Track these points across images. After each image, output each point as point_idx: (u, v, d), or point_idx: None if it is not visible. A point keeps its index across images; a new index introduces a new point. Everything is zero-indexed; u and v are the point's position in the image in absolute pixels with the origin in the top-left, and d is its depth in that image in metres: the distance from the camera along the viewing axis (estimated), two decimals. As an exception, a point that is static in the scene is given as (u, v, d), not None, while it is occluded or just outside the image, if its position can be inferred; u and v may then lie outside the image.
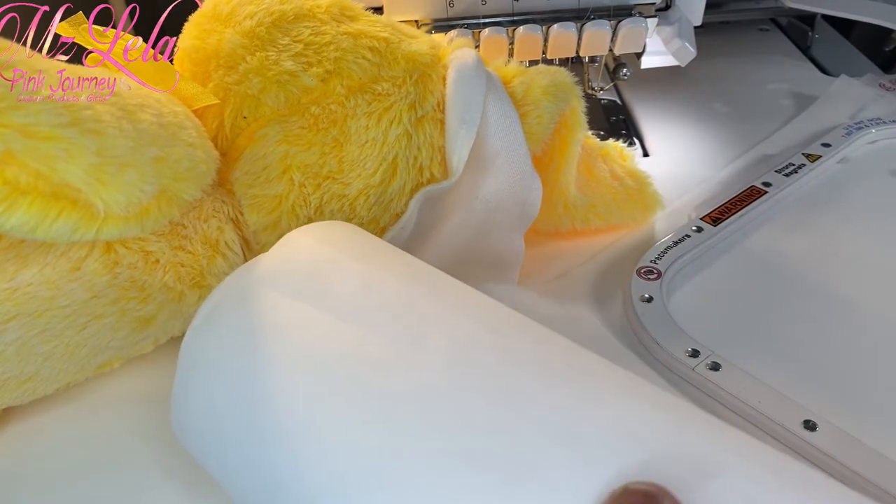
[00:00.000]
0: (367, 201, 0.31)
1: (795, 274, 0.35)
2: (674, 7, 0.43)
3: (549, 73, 0.33)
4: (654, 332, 0.31)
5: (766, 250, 0.37)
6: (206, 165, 0.27)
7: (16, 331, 0.25)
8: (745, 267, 0.36)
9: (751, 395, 0.28)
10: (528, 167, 0.32)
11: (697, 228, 0.37)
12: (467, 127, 0.31)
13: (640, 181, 0.38)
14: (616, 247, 0.37)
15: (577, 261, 0.36)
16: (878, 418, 0.28)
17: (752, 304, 0.34)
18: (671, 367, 0.30)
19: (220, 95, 0.30)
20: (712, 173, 0.43)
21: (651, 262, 0.34)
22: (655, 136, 0.48)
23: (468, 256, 0.32)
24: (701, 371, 0.29)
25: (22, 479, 0.27)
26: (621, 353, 0.30)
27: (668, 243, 0.36)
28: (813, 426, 0.26)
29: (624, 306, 0.33)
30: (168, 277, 0.28)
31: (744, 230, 0.38)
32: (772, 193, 0.39)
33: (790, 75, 0.54)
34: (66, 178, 0.21)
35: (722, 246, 0.37)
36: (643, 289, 0.33)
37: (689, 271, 0.35)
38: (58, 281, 0.25)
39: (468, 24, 0.40)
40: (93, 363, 0.29)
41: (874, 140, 0.45)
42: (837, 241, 0.37)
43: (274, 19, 0.30)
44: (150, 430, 0.29)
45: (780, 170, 0.41)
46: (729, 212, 0.38)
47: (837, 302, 0.33)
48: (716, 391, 0.28)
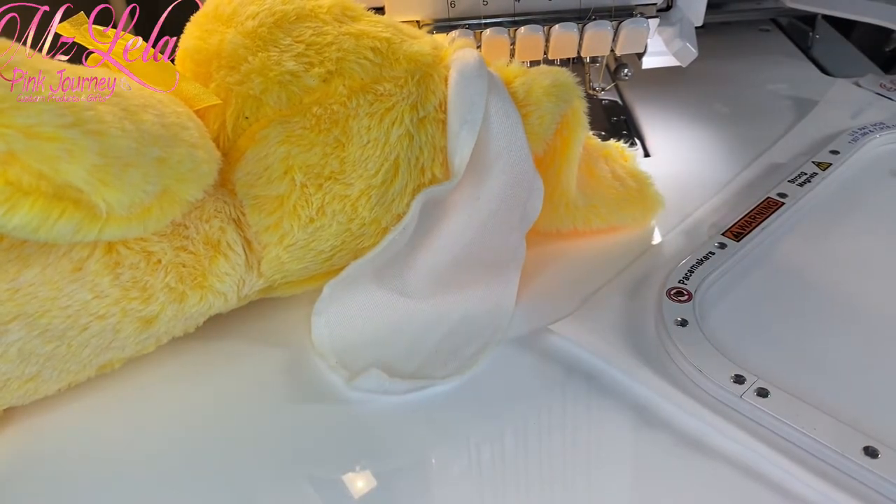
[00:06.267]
0: (369, 202, 0.31)
1: (830, 287, 0.34)
2: (675, 7, 0.43)
3: (551, 73, 0.33)
4: (694, 360, 0.29)
5: (794, 264, 0.35)
6: (208, 166, 0.27)
7: (17, 331, 0.25)
8: (777, 283, 0.34)
9: (805, 422, 0.26)
10: (529, 167, 0.32)
11: (720, 245, 0.35)
12: (469, 127, 0.31)
13: (641, 181, 0.38)
14: (635, 267, 0.36)
15: (595, 284, 0.35)
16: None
17: (790, 322, 0.32)
18: (717, 396, 0.28)
19: (221, 96, 0.30)
20: (713, 174, 0.43)
21: (679, 282, 0.33)
22: (656, 136, 0.48)
23: (469, 257, 0.32)
24: (749, 398, 0.27)
25: (23, 479, 0.27)
26: (660, 387, 0.29)
27: (692, 262, 0.34)
28: (874, 452, 0.25)
29: (657, 331, 0.31)
30: (170, 278, 0.28)
31: (767, 244, 0.37)
32: (789, 205, 0.38)
33: (791, 75, 0.54)
34: (69, 179, 0.21)
35: (748, 262, 0.35)
36: (676, 312, 0.31)
37: (718, 290, 0.34)
38: (59, 281, 0.25)
39: (469, 24, 0.40)
40: (94, 363, 0.29)
41: (882, 145, 0.44)
42: (867, 251, 0.36)
43: (276, 19, 0.30)
44: (150, 430, 0.29)
45: (792, 180, 0.40)
46: (749, 226, 0.37)
47: (881, 315, 0.32)
48: (767, 419, 0.27)
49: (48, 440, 0.29)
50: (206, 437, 0.29)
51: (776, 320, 0.32)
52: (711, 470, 0.26)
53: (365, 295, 0.33)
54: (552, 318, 0.32)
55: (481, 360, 0.31)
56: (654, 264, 0.36)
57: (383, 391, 0.29)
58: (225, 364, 0.32)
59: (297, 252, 0.31)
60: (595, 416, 0.29)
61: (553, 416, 0.29)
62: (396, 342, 0.32)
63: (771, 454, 0.26)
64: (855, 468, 0.25)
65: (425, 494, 0.26)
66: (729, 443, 0.27)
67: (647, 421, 0.28)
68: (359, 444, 0.28)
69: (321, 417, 0.29)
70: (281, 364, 0.32)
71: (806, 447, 0.26)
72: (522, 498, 0.26)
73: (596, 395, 0.29)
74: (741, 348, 0.30)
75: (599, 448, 0.28)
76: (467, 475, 0.27)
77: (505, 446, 0.28)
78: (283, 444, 0.28)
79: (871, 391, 0.29)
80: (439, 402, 0.29)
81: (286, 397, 0.30)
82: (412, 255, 0.32)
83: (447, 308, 0.33)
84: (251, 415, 0.29)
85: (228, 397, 0.30)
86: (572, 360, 0.31)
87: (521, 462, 0.27)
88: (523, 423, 0.29)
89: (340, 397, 0.30)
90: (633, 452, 0.27)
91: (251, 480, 0.27)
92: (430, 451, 0.28)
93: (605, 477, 0.26)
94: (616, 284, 0.35)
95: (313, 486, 0.27)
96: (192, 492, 0.27)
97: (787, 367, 0.29)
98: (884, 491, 0.24)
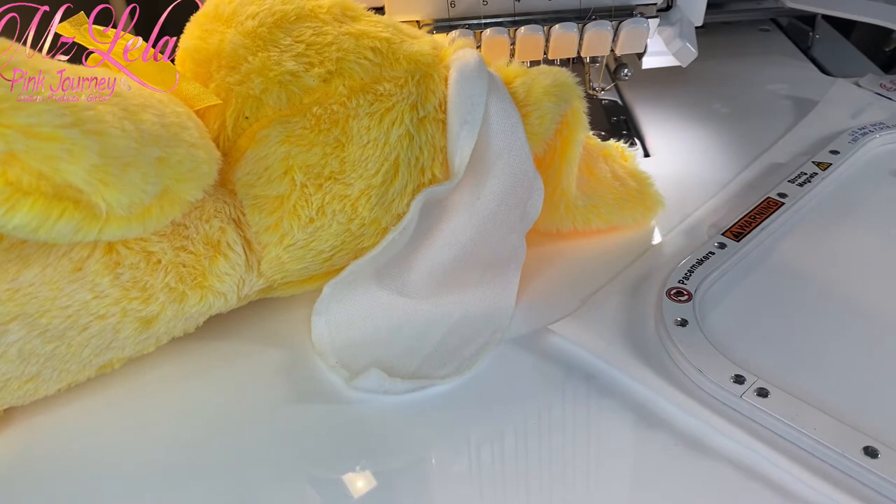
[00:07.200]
0: (369, 202, 0.31)
1: (830, 287, 0.34)
2: (675, 7, 0.43)
3: (551, 73, 0.33)
4: (694, 360, 0.29)
5: (794, 264, 0.35)
6: (208, 166, 0.27)
7: (17, 331, 0.25)
8: (777, 283, 0.34)
9: (805, 422, 0.26)
10: (529, 167, 0.32)
11: (720, 245, 0.35)
12: (469, 127, 0.31)
13: (641, 181, 0.38)
14: (635, 267, 0.36)
15: (595, 284, 0.35)
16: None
17: (790, 322, 0.32)
18: (717, 396, 0.28)
19: (221, 96, 0.30)
20: (713, 174, 0.43)
21: (679, 282, 0.33)
22: (656, 136, 0.48)
23: (469, 257, 0.32)
24: (749, 398, 0.27)
25: (23, 479, 0.27)
26: (660, 387, 0.29)
27: (692, 262, 0.34)
28: (874, 452, 0.25)
29: (657, 331, 0.31)
30: (170, 278, 0.28)
31: (767, 244, 0.36)
32: (788, 204, 0.38)
33: (791, 75, 0.54)
34: (69, 179, 0.21)
35: (748, 262, 0.35)
36: (675, 312, 0.31)
37: (718, 290, 0.34)
38: (59, 281, 0.25)
39: (469, 24, 0.40)
40: (94, 364, 0.29)
41: (882, 145, 0.44)
42: (867, 251, 0.36)
43: (276, 19, 0.30)
44: (150, 430, 0.29)
45: (792, 180, 0.40)
46: (749, 226, 0.37)
47: (881, 315, 0.32)
48: (767, 419, 0.27)
49: (48, 440, 0.29)
50: (205, 437, 0.29)
51: (776, 320, 0.32)
52: (711, 470, 0.26)
53: (365, 295, 0.33)
54: (552, 318, 0.32)
55: (481, 360, 0.31)
56: (654, 264, 0.36)
57: (383, 391, 0.29)
58: (225, 364, 0.32)
59: (297, 252, 0.31)
60: (595, 416, 0.29)
61: (553, 416, 0.29)
62: (396, 342, 0.32)
63: (771, 454, 0.26)
64: (855, 468, 0.25)
65: (425, 494, 0.26)
66: (729, 443, 0.27)
67: (647, 421, 0.28)
68: (359, 444, 0.28)
69: (321, 417, 0.29)
70: (281, 364, 0.32)
71: (806, 447, 0.26)
72: (522, 498, 0.26)
73: (596, 395, 0.29)
74: (741, 348, 0.30)
75: (599, 448, 0.28)
76: (467, 475, 0.27)
77: (505, 446, 0.28)
78: (283, 444, 0.28)
79: (871, 391, 0.29)
80: (439, 402, 0.29)
81: (286, 397, 0.30)
82: (412, 255, 0.32)
83: (447, 308, 0.33)
84: (251, 415, 0.29)
85: (228, 397, 0.30)
86: (572, 360, 0.31)
87: (521, 462, 0.27)
88: (523, 423, 0.29)
89: (340, 397, 0.30)
90: (633, 452, 0.27)
91: (251, 480, 0.27)
92: (429, 451, 0.28)
93: (604, 477, 0.26)
94: (616, 284, 0.35)
95: (313, 486, 0.27)
96: (193, 491, 0.27)
97: (787, 367, 0.29)
98: (884, 491, 0.24)
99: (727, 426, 0.27)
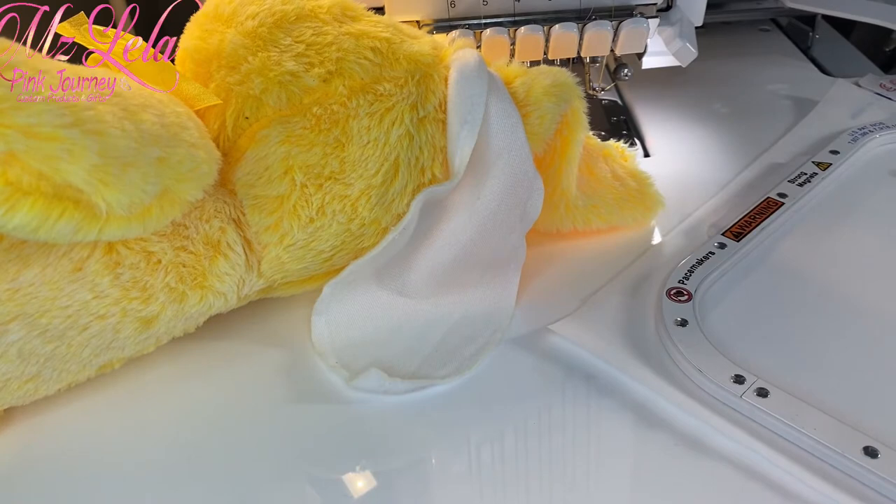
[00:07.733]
0: (369, 202, 0.31)
1: (830, 287, 0.34)
2: (675, 7, 0.43)
3: (551, 73, 0.33)
4: (694, 360, 0.29)
5: (794, 264, 0.35)
6: (208, 166, 0.27)
7: (17, 331, 0.25)
8: (777, 283, 0.34)
9: (805, 422, 0.26)
10: (529, 168, 0.32)
11: (720, 244, 0.35)
12: (469, 127, 0.31)
13: (641, 181, 0.38)
14: (635, 267, 0.36)
15: (595, 284, 0.35)
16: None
17: (790, 322, 0.32)
18: (717, 396, 0.28)
19: (221, 96, 0.30)
20: (713, 174, 0.43)
21: (679, 282, 0.33)
22: (656, 136, 0.48)
23: (469, 257, 0.32)
24: (749, 398, 0.27)
25: (23, 479, 0.27)
26: (660, 387, 0.29)
27: (692, 262, 0.34)
28: (874, 452, 0.25)
29: (657, 331, 0.31)
30: (170, 278, 0.28)
31: (767, 244, 0.36)
32: (788, 205, 0.38)
33: (790, 75, 0.54)
34: (69, 179, 0.21)
35: (748, 262, 0.35)
36: (675, 312, 0.31)
37: (718, 290, 0.34)
38: (59, 281, 0.25)
39: (469, 24, 0.40)
40: (94, 364, 0.29)
41: (882, 145, 0.44)
42: (867, 251, 0.36)
43: (276, 20, 0.30)
44: (150, 430, 0.29)
45: (792, 180, 0.40)
46: (749, 226, 0.36)
47: (881, 315, 0.32)
48: (767, 419, 0.27)
49: (48, 440, 0.29)
50: (205, 437, 0.29)
51: (776, 320, 0.32)
52: (711, 470, 0.26)
53: (365, 295, 0.33)
54: (552, 318, 0.32)
55: (481, 360, 0.31)
56: (654, 264, 0.36)
57: (383, 391, 0.29)
58: (225, 364, 0.32)
59: (297, 252, 0.31)
60: (595, 416, 0.29)
61: (553, 416, 0.29)
62: (396, 342, 0.32)
63: (771, 454, 0.26)
64: (855, 468, 0.25)
65: (425, 494, 0.26)
66: (729, 443, 0.27)
67: (647, 421, 0.28)
68: (359, 444, 0.28)
69: (321, 417, 0.29)
70: (281, 364, 0.32)
71: (806, 447, 0.26)
72: (522, 498, 0.26)
73: (596, 395, 0.29)
74: (741, 348, 0.30)
75: (599, 448, 0.28)
76: (467, 475, 0.27)
77: (505, 446, 0.28)
78: (283, 444, 0.28)
79: (871, 391, 0.29)
80: (439, 403, 0.29)
81: (286, 397, 0.30)
82: (412, 255, 0.32)
83: (447, 308, 0.33)
84: (251, 415, 0.29)
85: (228, 397, 0.30)
86: (572, 360, 0.31)
87: (521, 462, 0.27)
88: (523, 423, 0.29)
89: (340, 397, 0.30)
90: (633, 452, 0.27)
91: (251, 480, 0.27)
92: (429, 451, 0.28)
93: (604, 477, 0.26)
94: (616, 284, 0.34)
95: (313, 486, 0.27)
96: (193, 492, 0.27)
97: (787, 367, 0.29)
98: (884, 491, 0.24)
99: (727, 426, 0.27)
